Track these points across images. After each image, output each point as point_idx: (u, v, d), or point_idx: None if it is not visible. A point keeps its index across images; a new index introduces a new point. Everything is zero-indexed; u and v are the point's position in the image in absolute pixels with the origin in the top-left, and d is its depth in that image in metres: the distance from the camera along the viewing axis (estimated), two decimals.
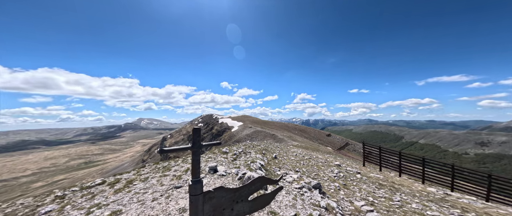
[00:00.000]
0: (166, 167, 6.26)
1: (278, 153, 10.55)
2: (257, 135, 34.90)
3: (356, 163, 13.43)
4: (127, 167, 71.49)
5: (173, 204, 3.45)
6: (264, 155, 8.69)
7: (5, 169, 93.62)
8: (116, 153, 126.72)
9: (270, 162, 7.87)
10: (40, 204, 4.01)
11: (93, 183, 5.12)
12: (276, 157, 9.11)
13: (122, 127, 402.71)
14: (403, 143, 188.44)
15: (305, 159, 10.22)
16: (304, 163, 8.87)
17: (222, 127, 57.52)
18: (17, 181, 78.88)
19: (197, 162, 1.97)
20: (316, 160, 10.31)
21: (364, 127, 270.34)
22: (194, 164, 1.97)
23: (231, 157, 7.36)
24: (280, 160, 8.80)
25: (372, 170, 10.23)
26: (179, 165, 6.44)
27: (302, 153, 12.52)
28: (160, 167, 6.42)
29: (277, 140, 27.95)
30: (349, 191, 5.55)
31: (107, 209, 3.37)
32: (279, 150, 12.53)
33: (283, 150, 12.74)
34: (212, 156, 7.69)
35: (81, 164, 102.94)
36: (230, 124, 57.76)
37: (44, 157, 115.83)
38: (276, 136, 31.17)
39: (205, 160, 7.00)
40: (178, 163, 6.78)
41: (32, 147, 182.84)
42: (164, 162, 7.44)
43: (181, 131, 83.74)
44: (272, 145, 15.31)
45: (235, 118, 70.92)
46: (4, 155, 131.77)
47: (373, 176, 8.21)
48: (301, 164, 8.54)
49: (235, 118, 70.92)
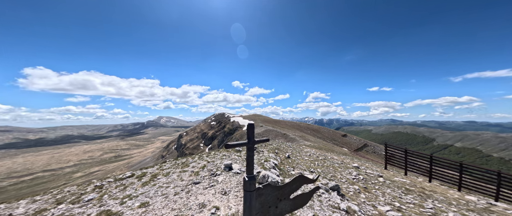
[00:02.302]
0: (185, 163, 6.68)
1: (291, 153, 10.40)
2: (268, 134, 34.82)
3: (376, 165, 12.54)
4: (149, 162, 77.93)
5: (193, 199, 3.69)
6: (277, 155, 8.67)
7: (54, 160, 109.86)
8: (140, 149, 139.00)
9: (284, 161, 7.82)
10: (83, 192, 4.65)
11: (124, 176, 5.73)
12: (289, 157, 9.01)
13: (145, 124, 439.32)
14: (434, 146, 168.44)
15: (320, 159, 9.89)
16: (319, 164, 8.61)
17: (233, 125, 58.76)
18: (62, 171, 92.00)
19: (252, 158, 1.94)
20: (332, 161, 9.90)
21: (386, 127, 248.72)
22: (248, 160, 1.94)
23: (244, 156, 7.51)
24: (294, 160, 8.68)
25: (396, 174, 9.45)
26: (196, 162, 6.80)
27: (316, 154, 12.14)
28: (179, 163, 6.87)
29: (289, 139, 27.52)
30: (371, 194, 5.23)
31: (137, 201, 3.75)
32: (292, 149, 12.34)
33: (296, 150, 12.51)
34: (227, 154, 7.94)
35: (112, 158, 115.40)
36: (241, 123, 58.66)
37: (83, 151, 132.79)
38: (287, 136, 30.71)
39: (220, 157, 7.27)
40: (195, 160, 7.17)
41: (74, 141, 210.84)
42: (182, 159, 7.94)
43: (196, 129, 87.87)
44: (284, 144, 15.14)
45: (246, 117, 71.74)
46: (53, 148, 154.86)
47: (398, 180, 7.59)
48: (316, 165, 8.30)
49: (246, 117, 71.74)
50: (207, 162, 6.49)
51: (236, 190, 4.13)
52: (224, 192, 3.97)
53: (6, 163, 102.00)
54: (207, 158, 7.24)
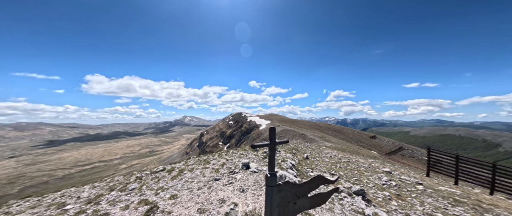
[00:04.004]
0: (206, 160, 7.24)
1: (310, 154, 10.06)
2: (285, 134, 34.12)
3: (415, 172, 11.00)
4: (176, 158, 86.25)
5: (214, 195, 4.03)
6: (294, 155, 8.53)
7: (106, 152, 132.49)
8: (168, 145, 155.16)
9: (301, 162, 7.66)
10: (127, 182, 5.57)
11: (157, 169, 6.61)
12: (308, 158, 8.75)
13: (173, 123, 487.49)
14: (500, 153, 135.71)
15: (342, 162, 9.28)
16: (341, 166, 8.11)
17: (250, 125, 59.65)
18: (112, 162, 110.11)
19: (273, 157, 2.19)
20: (357, 164, 9.17)
21: (430, 129, 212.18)
22: (270, 159, 2.18)
23: (261, 155, 7.65)
24: (312, 161, 8.39)
25: (442, 182, 8.12)
26: (216, 159, 7.29)
27: (338, 155, 11.41)
28: (202, 160, 7.49)
29: (307, 140, 26.46)
30: (405, 202, 4.69)
31: (167, 193, 4.32)
32: (311, 150, 11.90)
33: (315, 151, 12.01)
34: (244, 153, 8.23)
35: (147, 152, 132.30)
36: (258, 122, 59.04)
37: (126, 145, 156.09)
38: (306, 136, 29.53)
39: (237, 156, 7.60)
40: (215, 157, 7.69)
41: (120, 137, 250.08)
42: (204, 156, 8.60)
43: (215, 128, 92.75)
44: (302, 145, 14.68)
45: (263, 116, 71.84)
46: (105, 142, 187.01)
47: (443, 190, 6.53)
48: (338, 167, 7.84)
49: (263, 116, 71.84)
50: (226, 160, 6.89)
51: (253, 188, 4.31)
52: (242, 190, 4.19)
53: (73, 154, 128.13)
54: (226, 156, 7.67)
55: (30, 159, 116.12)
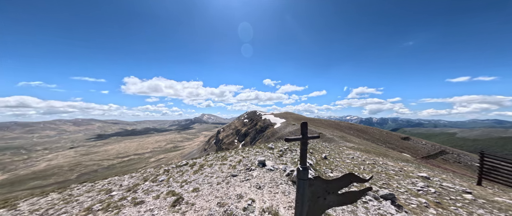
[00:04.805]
0: (224, 157, 7.61)
1: (328, 154, 9.61)
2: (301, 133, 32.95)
3: (461, 179, 9.45)
4: (195, 153, 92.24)
5: (232, 190, 4.25)
6: (311, 154, 8.28)
7: (139, 146, 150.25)
8: (189, 141, 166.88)
9: (319, 162, 7.39)
10: (157, 174, 6.28)
11: (181, 163, 7.26)
12: (326, 158, 8.38)
13: (193, 120, 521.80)
14: None
15: (367, 164, 8.60)
16: (365, 169, 7.54)
17: (265, 123, 59.43)
18: (143, 155, 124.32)
19: (305, 151, 2.23)
20: (385, 167, 8.39)
21: (484, 130, 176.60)
22: (302, 153, 2.23)
23: (277, 153, 7.66)
24: (332, 161, 8.01)
25: (498, 193, 6.81)
26: (233, 156, 7.60)
27: (361, 157, 10.58)
28: (219, 157, 7.90)
29: (325, 139, 25.13)
30: (447, 212, 4.11)
31: (190, 186, 4.74)
32: (329, 150, 11.33)
33: (335, 151, 11.38)
34: (259, 151, 8.35)
35: (171, 148, 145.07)
36: (273, 121, 58.42)
37: (155, 140, 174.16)
38: (324, 135, 28.05)
39: (253, 154, 7.77)
40: (232, 154, 8.01)
41: (150, 132, 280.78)
42: (221, 153, 9.04)
43: (231, 126, 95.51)
44: (320, 144, 14.06)
45: (278, 115, 70.71)
46: (139, 137, 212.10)
47: (501, 201, 5.48)
48: (362, 170, 7.32)
49: (278, 115, 70.71)
50: (242, 157, 7.12)
51: (269, 186, 4.39)
52: (259, 187, 4.32)
53: (115, 147, 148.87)
54: (242, 154, 7.92)
55: (85, 150, 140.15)
